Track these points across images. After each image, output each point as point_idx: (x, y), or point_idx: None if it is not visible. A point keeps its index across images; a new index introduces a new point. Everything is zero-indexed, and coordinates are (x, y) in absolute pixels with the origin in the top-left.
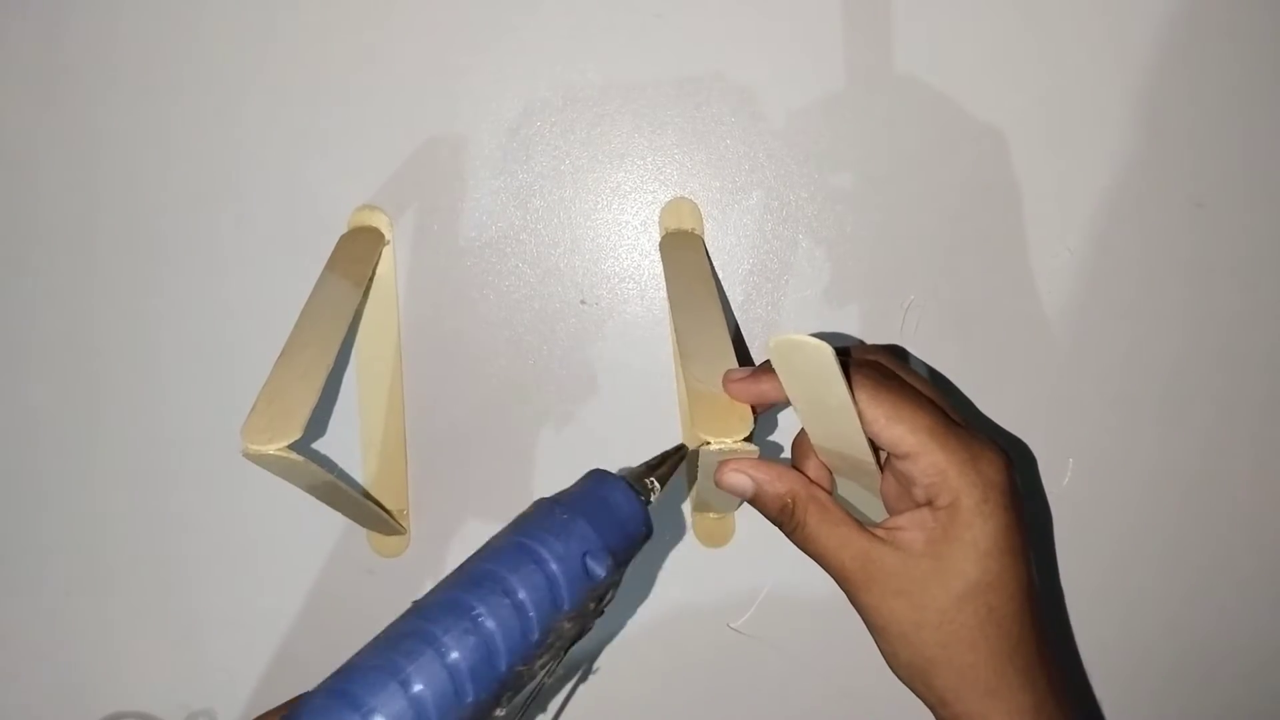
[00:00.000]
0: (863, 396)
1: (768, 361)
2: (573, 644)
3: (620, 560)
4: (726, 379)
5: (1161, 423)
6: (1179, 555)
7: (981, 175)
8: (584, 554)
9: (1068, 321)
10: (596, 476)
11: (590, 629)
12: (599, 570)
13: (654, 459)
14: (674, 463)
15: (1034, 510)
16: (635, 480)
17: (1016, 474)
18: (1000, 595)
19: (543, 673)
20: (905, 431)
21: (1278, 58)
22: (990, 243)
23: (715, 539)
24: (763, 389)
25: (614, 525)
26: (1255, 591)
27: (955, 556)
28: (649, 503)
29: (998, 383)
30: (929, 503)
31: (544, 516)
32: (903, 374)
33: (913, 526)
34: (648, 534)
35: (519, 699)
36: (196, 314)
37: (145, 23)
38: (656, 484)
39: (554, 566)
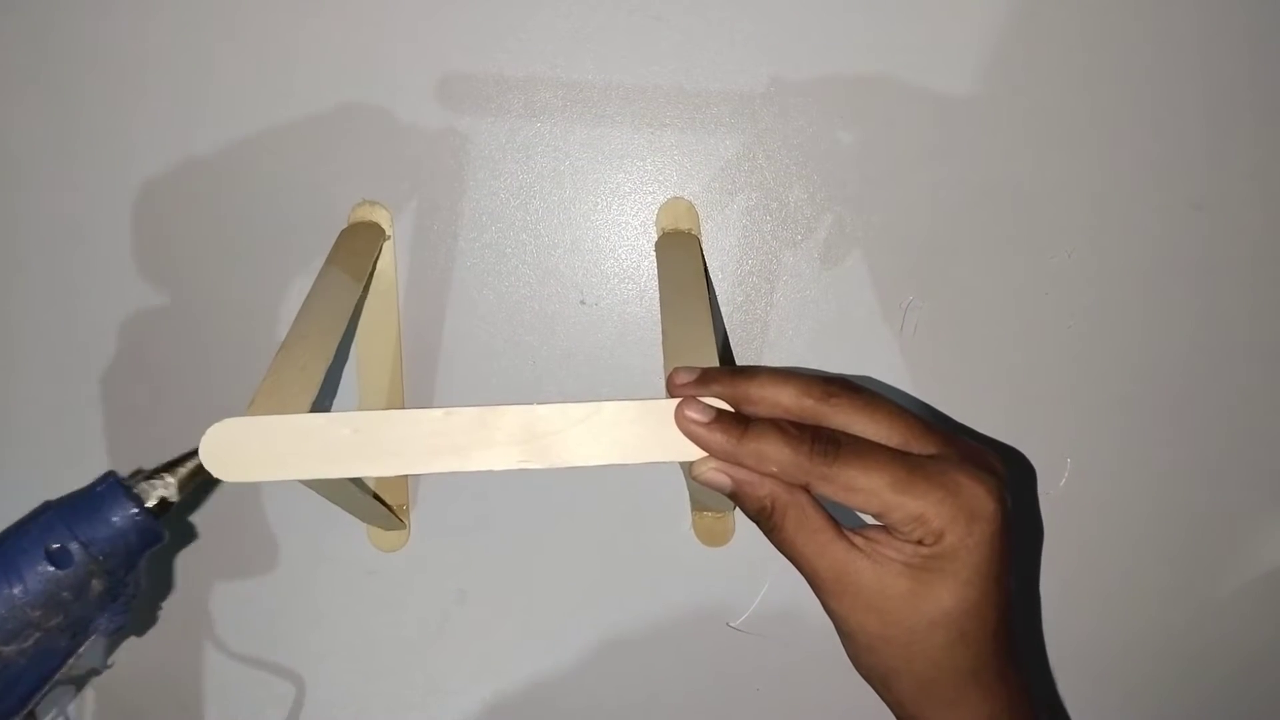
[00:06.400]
0: (816, 476)
1: (724, 368)
2: (75, 635)
3: (104, 554)
4: (671, 380)
5: (1160, 424)
6: (1177, 556)
7: (981, 176)
8: (47, 545)
9: (1066, 323)
10: (105, 476)
11: (97, 624)
12: (63, 561)
13: (171, 460)
14: (193, 464)
15: (1026, 522)
16: (144, 479)
17: (1007, 489)
18: (974, 621)
19: (23, 659)
20: (866, 497)
21: (1276, 59)
22: (989, 244)
23: (715, 538)
24: (712, 392)
25: (98, 521)
26: (1255, 589)
27: (934, 584)
28: (159, 503)
29: (995, 384)
30: (918, 542)
31: (33, 511)
32: (854, 417)
33: (894, 545)
34: (149, 533)
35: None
36: (197, 308)
37: (146, 20)
38: (171, 483)
39: (8, 554)
